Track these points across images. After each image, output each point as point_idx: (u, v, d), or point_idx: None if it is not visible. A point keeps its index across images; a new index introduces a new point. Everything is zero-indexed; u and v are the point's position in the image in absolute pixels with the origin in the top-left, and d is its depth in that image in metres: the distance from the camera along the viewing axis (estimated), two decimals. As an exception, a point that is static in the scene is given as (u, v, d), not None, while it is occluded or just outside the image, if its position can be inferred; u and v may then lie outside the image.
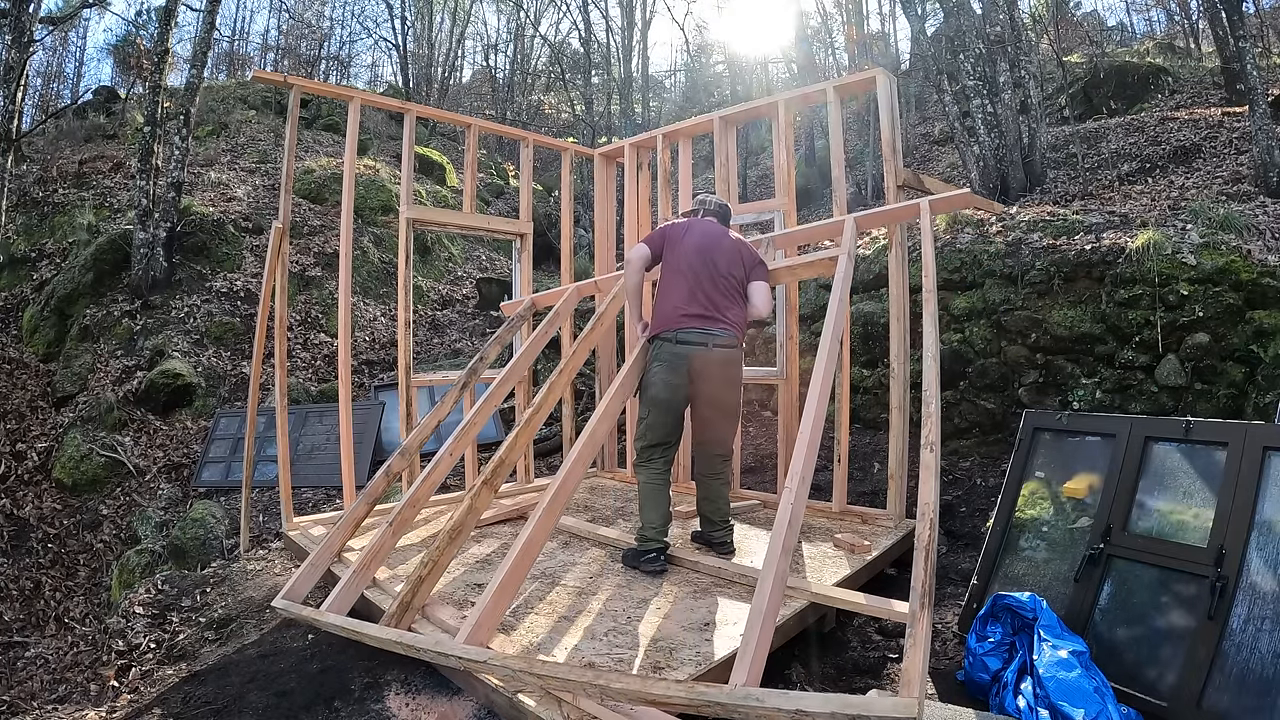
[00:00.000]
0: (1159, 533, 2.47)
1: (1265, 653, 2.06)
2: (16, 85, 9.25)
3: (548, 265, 10.21)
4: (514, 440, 2.91)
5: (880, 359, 5.09)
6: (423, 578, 2.56)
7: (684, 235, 3.19)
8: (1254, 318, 3.85)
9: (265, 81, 4.15)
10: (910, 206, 3.24)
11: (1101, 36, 16.54)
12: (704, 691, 1.74)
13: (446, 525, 2.67)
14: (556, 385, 3.11)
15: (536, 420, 3.04)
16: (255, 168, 11.53)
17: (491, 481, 2.77)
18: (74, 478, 6.14)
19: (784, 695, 1.67)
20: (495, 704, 2.18)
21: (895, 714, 1.51)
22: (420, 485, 3.08)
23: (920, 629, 1.82)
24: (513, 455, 2.89)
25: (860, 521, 3.63)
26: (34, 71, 15.61)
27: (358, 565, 2.86)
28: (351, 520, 3.17)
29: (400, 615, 2.53)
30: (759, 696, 1.67)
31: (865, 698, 1.83)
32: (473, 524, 2.77)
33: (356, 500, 3.23)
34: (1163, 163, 7.51)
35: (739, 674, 1.85)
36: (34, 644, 4.64)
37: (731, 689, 1.74)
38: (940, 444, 4.87)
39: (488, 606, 2.29)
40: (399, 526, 2.98)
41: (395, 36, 20.31)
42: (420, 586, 2.56)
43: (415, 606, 2.58)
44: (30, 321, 8.10)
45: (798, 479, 2.22)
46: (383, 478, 3.26)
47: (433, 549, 2.61)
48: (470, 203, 4.61)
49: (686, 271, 3.10)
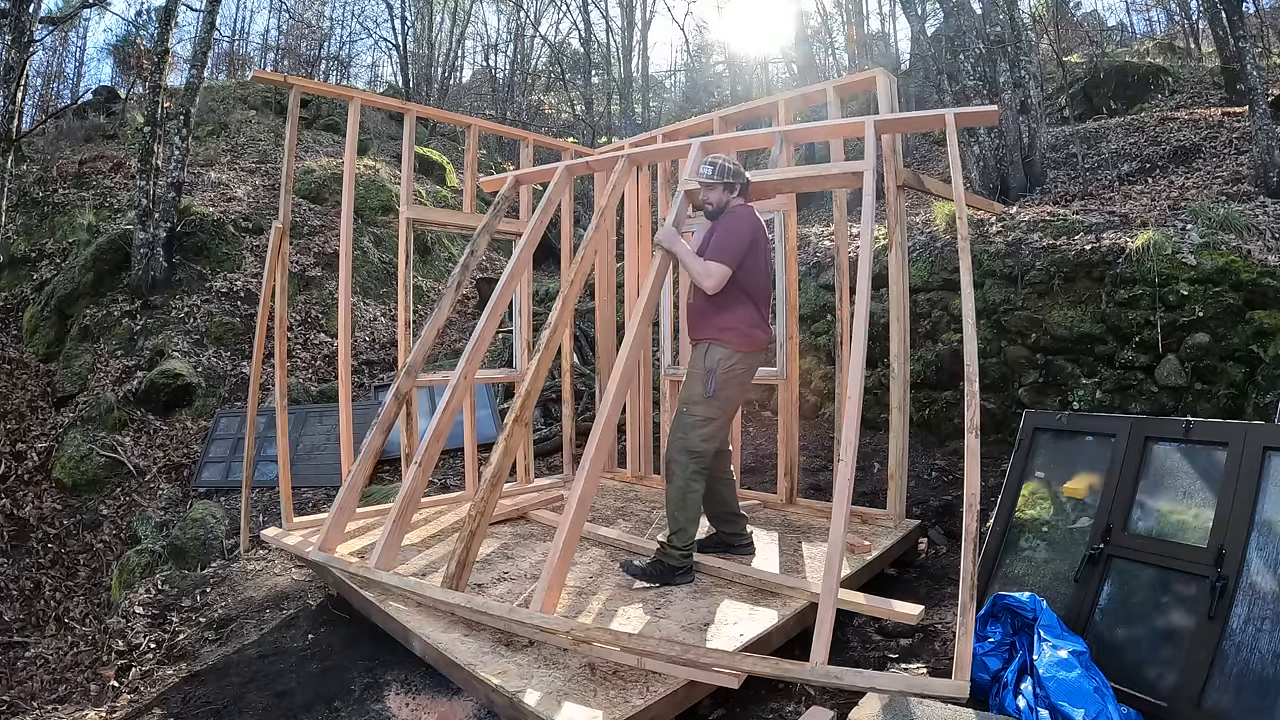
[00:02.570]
0: (1159, 533, 2.46)
1: (1265, 653, 2.06)
2: (16, 85, 9.25)
3: (548, 265, 10.21)
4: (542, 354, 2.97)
5: (880, 359, 5.09)
6: (473, 531, 2.68)
7: (762, 239, 3.08)
8: (1254, 318, 3.85)
9: (265, 81, 4.15)
10: (935, 117, 3.19)
11: (1101, 36, 16.55)
12: (790, 668, 2.07)
13: (488, 473, 2.79)
14: (568, 302, 3.19)
15: (553, 345, 3.08)
16: (255, 168, 11.53)
17: (521, 415, 2.91)
18: (74, 478, 6.14)
19: (859, 673, 2.05)
20: (495, 704, 2.18)
21: (950, 693, 1.92)
22: (440, 418, 3.16)
23: (970, 618, 2.05)
24: (538, 382, 2.97)
25: (860, 521, 3.63)
26: (34, 71, 15.60)
27: (395, 513, 2.97)
28: (371, 452, 3.30)
29: (459, 575, 2.63)
30: (838, 674, 2.03)
31: (926, 679, 2.20)
32: (508, 465, 2.88)
33: (371, 430, 3.34)
34: (1163, 163, 7.51)
35: (819, 653, 2.09)
36: (34, 644, 4.64)
37: (813, 666, 2.06)
38: (941, 444, 4.88)
39: (555, 572, 2.48)
40: (427, 464, 3.10)
41: (395, 36, 20.32)
42: (471, 541, 2.68)
43: (470, 563, 2.70)
44: (30, 321, 8.10)
45: (851, 449, 2.43)
46: (393, 403, 3.39)
47: (477, 499, 2.76)
48: (470, 203, 4.61)
49: (764, 287, 3.08)
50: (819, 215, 9.49)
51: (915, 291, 4.97)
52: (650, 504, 4.13)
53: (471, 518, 2.72)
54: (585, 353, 6.90)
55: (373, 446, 3.28)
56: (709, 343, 2.98)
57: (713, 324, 2.99)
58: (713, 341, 2.97)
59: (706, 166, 3.12)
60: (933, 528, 3.83)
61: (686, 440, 2.92)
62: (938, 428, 4.83)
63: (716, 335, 2.97)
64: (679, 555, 2.90)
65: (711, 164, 3.12)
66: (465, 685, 2.33)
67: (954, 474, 4.40)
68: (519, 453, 4.62)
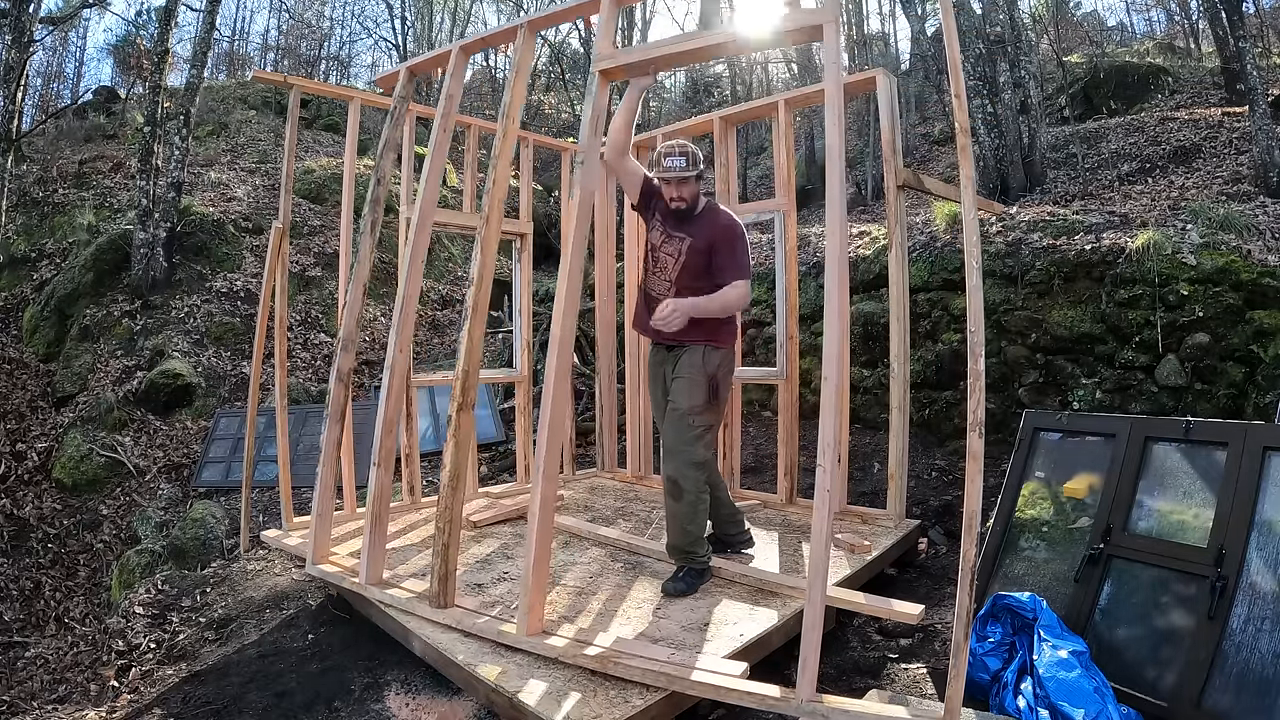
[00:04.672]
0: (1159, 533, 2.46)
1: (1265, 653, 2.06)
2: (16, 85, 9.25)
3: (547, 265, 10.21)
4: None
5: (880, 359, 5.09)
6: (446, 544, 2.55)
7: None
8: (1254, 318, 3.85)
9: (265, 81, 4.15)
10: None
11: (1101, 36, 16.55)
12: (775, 701, 2.00)
13: (444, 476, 2.61)
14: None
15: (481, 306, 2.67)
16: (255, 168, 11.53)
17: (464, 401, 2.60)
18: (74, 478, 6.14)
19: (844, 712, 1.94)
20: (495, 704, 2.18)
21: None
22: (387, 407, 2.94)
23: (963, 659, 1.87)
24: (473, 357, 2.61)
25: (860, 521, 3.63)
26: (34, 71, 15.59)
27: (369, 522, 2.83)
28: (331, 444, 3.18)
29: (443, 591, 2.54)
30: (824, 713, 1.95)
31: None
32: (465, 461, 2.67)
33: (324, 424, 3.16)
34: (1163, 163, 7.51)
35: (804, 689, 1.98)
36: (34, 644, 4.64)
37: (799, 703, 1.97)
38: (941, 444, 4.88)
39: (533, 591, 2.35)
40: (385, 462, 2.89)
41: (395, 36, 20.35)
42: (447, 553, 2.56)
43: (451, 574, 2.59)
44: (30, 321, 8.10)
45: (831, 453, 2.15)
46: (339, 386, 3.15)
47: (440, 507, 2.58)
48: (470, 203, 4.61)
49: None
50: (819, 215, 9.48)
51: (915, 291, 4.96)
52: (650, 504, 4.13)
53: (440, 529, 2.55)
54: (585, 353, 6.90)
55: (331, 439, 3.14)
56: (704, 345, 2.82)
57: (705, 325, 2.80)
58: (708, 343, 2.83)
59: (678, 158, 2.78)
60: (933, 528, 3.83)
61: (692, 453, 2.76)
62: (938, 428, 4.83)
63: (711, 337, 2.83)
64: (702, 558, 2.84)
65: (683, 153, 2.78)
66: (465, 685, 2.33)
67: (954, 474, 4.40)
68: (519, 452, 4.62)
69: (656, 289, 2.93)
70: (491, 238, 2.68)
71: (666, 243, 2.90)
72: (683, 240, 2.85)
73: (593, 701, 2.04)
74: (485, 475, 5.50)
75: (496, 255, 2.81)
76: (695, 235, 2.84)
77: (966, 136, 2.09)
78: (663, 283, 2.91)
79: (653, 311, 2.76)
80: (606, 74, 2.62)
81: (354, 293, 3.21)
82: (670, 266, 2.89)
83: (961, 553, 1.85)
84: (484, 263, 2.66)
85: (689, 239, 2.84)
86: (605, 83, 2.64)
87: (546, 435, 2.41)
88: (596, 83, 2.60)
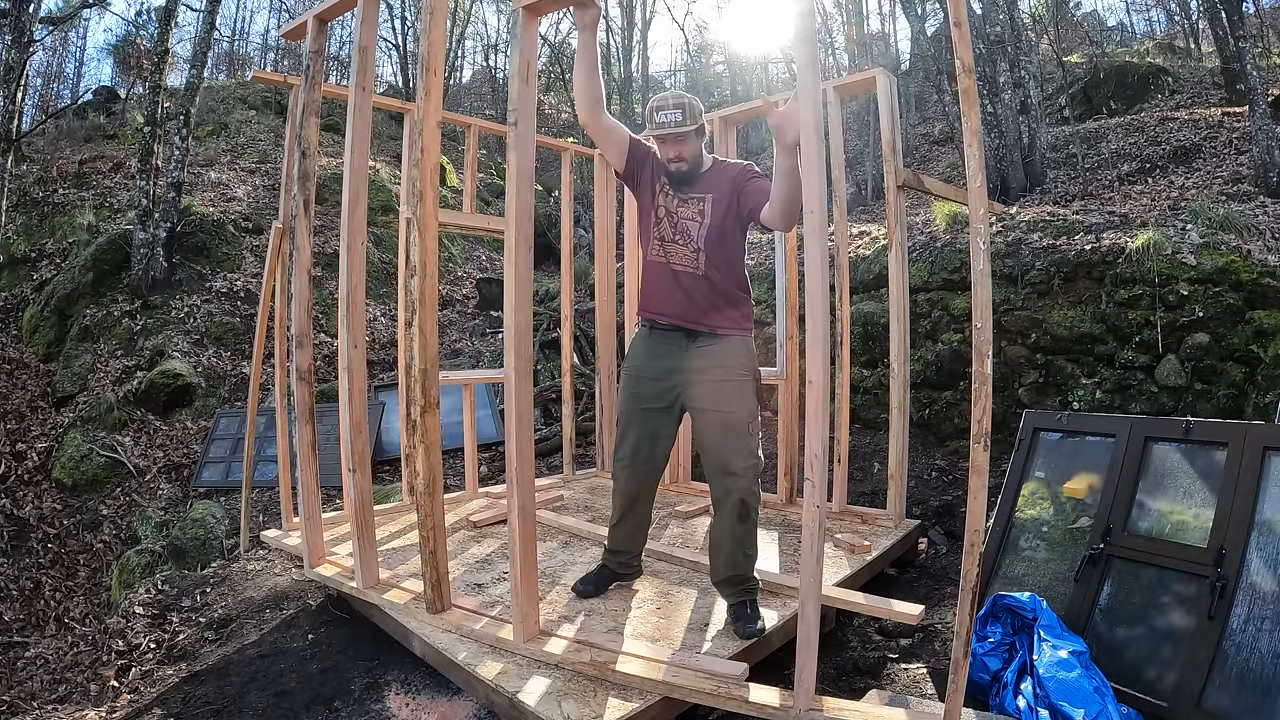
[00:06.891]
0: (1159, 533, 2.46)
1: (1265, 653, 2.06)
2: (16, 85, 9.25)
3: (548, 265, 10.21)
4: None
5: (880, 359, 5.09)
6: (433, 550, 2.50)
7: None
8: (1254, 318, 3.85)
9: (265, 81, 4.15)
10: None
11: (1101, 36, 16.55)
12: (773, 711, 1.97)
13: (419, 485, 2.56)
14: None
15: (429, 294, 2.50)
16: (255, 168, 11.53)
17: (427, 400, 2.51)
18: (74, 478, 6.14)
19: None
20: (495, 704, 2.18)
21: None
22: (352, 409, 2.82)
23: (962, 674, 1.85)
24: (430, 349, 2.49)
25: (860, 521, 3.63)
26: (34, 71, 15.62)
27: (355, 528, 2.76)
28: (305, 445, 3.06)
29: (437, 597, 2.50)
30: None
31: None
32: (437, 463, 2.62)
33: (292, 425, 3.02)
34: (1163, 163, 7.52)
35: (800, 699, 1.96)
36: (34, 644, 4.64)
37: (798, 714, 1.95)
38: (941, 444, 4.88)
39: (525, 600, 2.31)
40: (360, 465, 2.79)
41: (395, 36, 20.33)
42: (435, 560, 2.51)
43: (443, 579, 2.55)
44: (30, 321, 8.10)
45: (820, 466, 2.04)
46: (302, 385, 3.00)
47: (420, 514, 2.53)
48: (470, 203, 4.61)
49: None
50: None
51: (915, 291, 4.97)
52: (651, 504, 4.12)
53: (425, 537, 2.49)
54: (585, 353, 6.90)
55: (304, 441, 3.05)
56: (740, 334, 2.44)
57: (740, 310, 2.45)
58: (742, 333, 2.45)
59: (672, 111, 2.35)
60: (933, 528, 3.83)
61: (757, 467, 2.41)
62: (938, 428, 4.83)
63: (742, 324, 2.46)
64: (756, 583, 2.56)
65: (677, 105, 2.35)
66: (465, 685, 2.33)
67: (954, 474, 4.40)
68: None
69: (679, 259, 2.45)
70: (429, 218, 2.45)
71: (683, 205, 2.46)
72: (703, 199, 2.44)
73: (593, 701, 2.04)
74: (485, 475, 5.50)
75: (440, 242, 2.55)
76: (716, 189, 2.44)
77: (970, 77, 1.85)
78: (686, 250, 2.44)
79: (671, 289, 2.42)
80: (532, 8, 2.19)
81: (298, 281, 3.01)
82: (694, 232, 2.44)
83: (962, 572, 1.82)
84: (424, 246, 2.41)
85: (710, 194, 2.44)
86: (532, 19, 2.21)
87: (514, 444, 2.22)
88: (521, 20, 2.18)
